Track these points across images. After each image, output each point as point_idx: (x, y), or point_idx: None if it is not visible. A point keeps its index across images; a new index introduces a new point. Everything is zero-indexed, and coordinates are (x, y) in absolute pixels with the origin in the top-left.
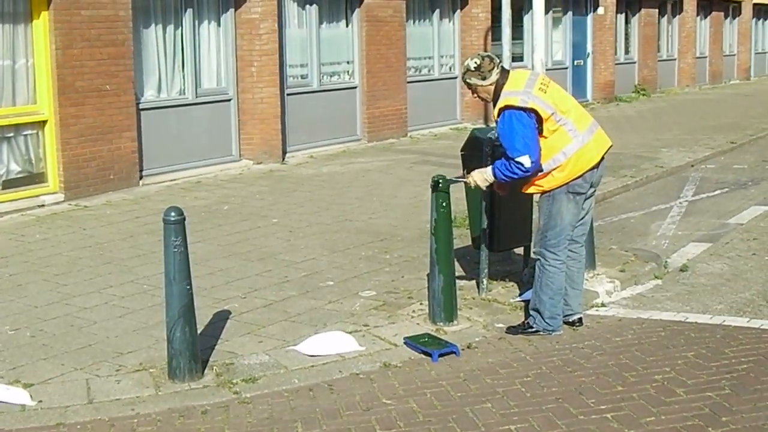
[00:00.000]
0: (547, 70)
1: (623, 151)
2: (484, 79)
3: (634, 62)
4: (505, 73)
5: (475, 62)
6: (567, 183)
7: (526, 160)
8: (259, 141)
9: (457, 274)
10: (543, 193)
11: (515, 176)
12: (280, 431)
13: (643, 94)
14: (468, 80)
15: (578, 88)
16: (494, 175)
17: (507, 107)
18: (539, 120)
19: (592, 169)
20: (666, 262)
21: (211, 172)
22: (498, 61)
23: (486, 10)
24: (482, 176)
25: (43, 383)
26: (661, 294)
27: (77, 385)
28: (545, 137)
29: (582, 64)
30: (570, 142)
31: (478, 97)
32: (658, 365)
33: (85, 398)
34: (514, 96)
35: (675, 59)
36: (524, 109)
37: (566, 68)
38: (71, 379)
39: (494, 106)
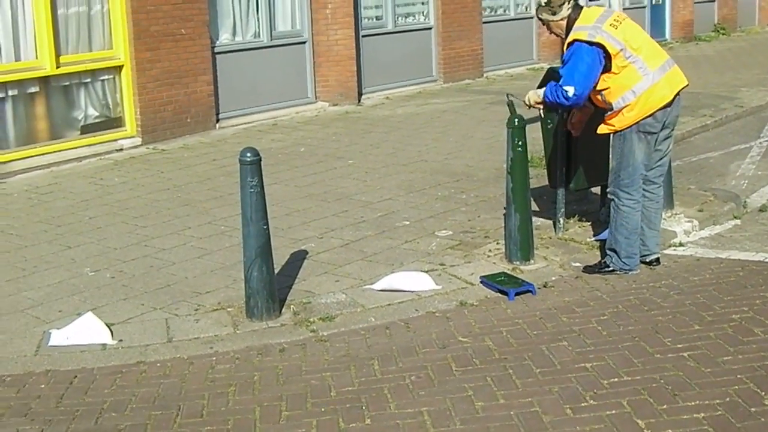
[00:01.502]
0: (624, 9)
1: (702, 91)
2: (554, 14)
3: (714, 1)
4: (578, 9)
5: None
6: (637, 122)
7: (570, 90)
8: (335, 83)
9: (533, 213)
10: (614, 132)
11: (558, 102)
12: (357, 369)
13: (723, 33)
14: (540, 16)
15: (657, 27)
16: (544, 95)
17: (575, 40)
18: (607, 56)
19: (664, 107)
20: (745, 202)
21: (287, 114)
22: None
23: None
24: (535, 94)
25: (124, 323)
26: (740, 234)
27: (156, 324)
28: (615, 74)
29: (660, 2)
30: (640, 80)
31: (552, 33)
32: (736, 305)
33: (164, 337)
34: (583, 30)
35: None
36: (591, 43)
37: (644, 7)
38: (151, 318)
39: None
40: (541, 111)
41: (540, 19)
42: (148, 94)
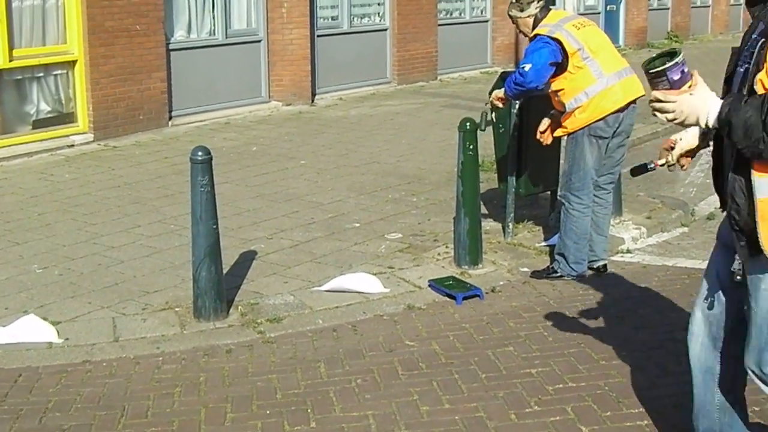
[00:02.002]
0: (579, 14)
1: None
2: (522, 10)
3: (668, 8)
4: (546, 10)
5: None
6: (589, 125)
7: (527, 66)
8: (289, 83)
9: (482, 217)
10: (567, 135)
11: (516, 83)
12: (304, 371)
13: (676, 41)
14: (509, 12)
15: (611, 34)
16: (505, 89)
17: (537, 35)
18: (565, 54)
19: (616, 112)
20: (693, 209)
21: (240, 113)
22: None
23: None
24: (497, 93)
25: (70, 321)
26: (687, 242)
27: (103, 323)
28: (571, 73)
29: (615, 9)
30: (593, 83)
31: (520, 31)
32: (682, 312)
33: (111, 336)
34: (545, 26)
35: (709, 6)
36: (550, 38)
37: (599, 13)
38: (98, 317)
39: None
40: (493, 116)
41: (510, 16)
42: (101, 90)
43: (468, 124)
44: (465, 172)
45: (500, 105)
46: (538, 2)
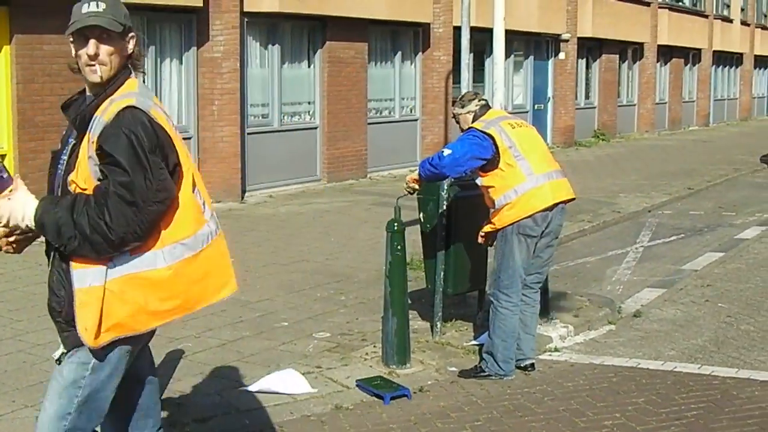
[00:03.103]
0: (508, 112)
1: (581, 196)
2: (462, 107)
3: (594, 107)
4: (485, 108)
5: (461, 95)
6: (516, 222)
7: (447, 151)
8: (219, 180)
9: (411, 316)
10: (495, 231)
11: (432, 167)
12: None
13: (603, 139)
14: (453, 110)
15: (538, 132)
16: (419, 171)
17: (471, 128)
18: (497, 151)
19: (544, 211)
20: (620, 307)
21: None
22: (482, 96)
23: (447, 53)
24: (411, 175)
25: None
26: (614, 339)
27: (28, 422)
28: (502, 170)
29: (542, 108)
30: (523, 181)
31: (461, 129)
32: (609, 411)
33: None
34: (480, 122)
35: (635, 105)
36: (483, 133)
37: (527, 112)
38: (22, 416)
39: None
40: (421, 216)
41: (453, 114)
42: (30, 186)
43: (396, 224)
44: (393, 271)
45: (416, 186)
46: (478, 101)
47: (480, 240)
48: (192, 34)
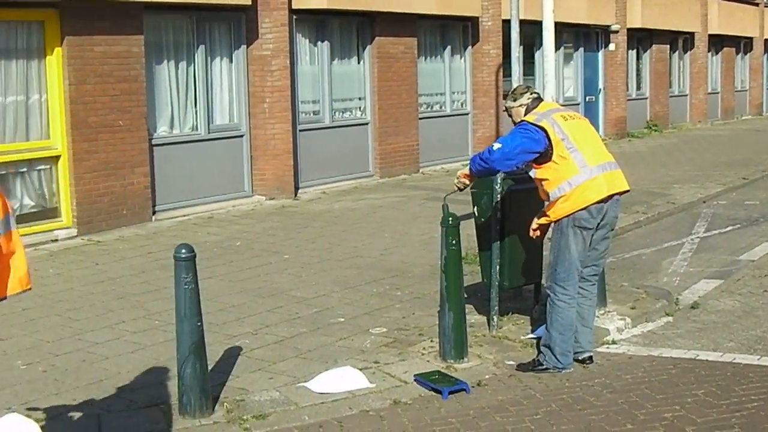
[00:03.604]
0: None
1: (635, 188)
2: (515, 100)
3: (646, 98)
4: (538, 100)
5: (513, 88)
6: (571, 214)
7: (497, 145)
8: (272, 177)
9: (467, 311)
10: (550, 223)
11: (483, 161)
12: None
13: (655, 130)
14: (505, 104)
15: (591, 124)
16: (470, 166)
17: (522, 121)
18: (550, 143)
19: (599, 203)
20: (677, 299)
21: (224, 207)
22: (534, 89)
23: (497, 47)
24: (462, 171)
25: (54, 419)
26: (672, 331)
27: (88, 420)
28: (555, 163)
29: (594, 100)
30: (577, 173)
31: (513, 122)
32: (668, 403)
33: None
34: (533, 114)
35: (687, 95)
36: (535, 126)
37: (578, 104)
38: (82, 413)
39: None
40: (475, 210)
41: (505, 108)
42: (84, 185)
43: (450, 219)
44: (448, 266)
45: (466, 182)
46: (531, 94)
47: (532, 233)
48: (241, 32)
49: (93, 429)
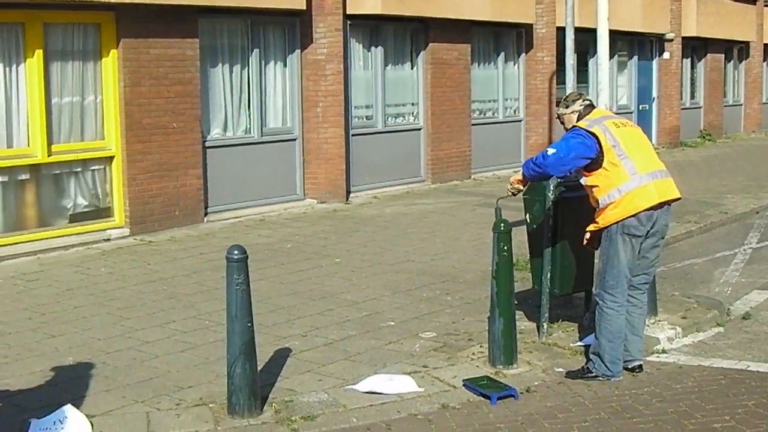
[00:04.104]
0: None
1: (687, 197)
2: (567, 107)
3: (700, 107)
4: (590, 107)
5: (565, 95)
6: (621, 221)
7: (551, 150)
8: (324, 180)
9: (517, 317)
10: (599, 230)
11: (536, 166)
12: None
13: (709, 140)
14: (557, 111)
15: (644, 132)
16: (523, 170)
17: (574, 127)
18: (601, 150)
19: (649, 210)
20: (729, 309)
21: (275, 210)
22: (587, 97)
23: (551, 54)
24: (515, 176)
25: (104, 415)
26: (723, 342)
27: (137, 417)
28: (606, 170)
29: (647, 108)
30: (627, 180)
31: (566, 128)
32: (718, 414)
33: (145, 431)
34: (585, 121)
35: (741, 105)
36: (587, 132)
37: (631, 112)
38: (132, 411)
39: None
40: (527, 216)
41: (558, 115)
42: (137, 186)
43: (503, 225)
44: (499, 272)
45: (520, 187)
46: (583, 101)
47: (585, 242)
48: (296, 36)
49: (142, 427)
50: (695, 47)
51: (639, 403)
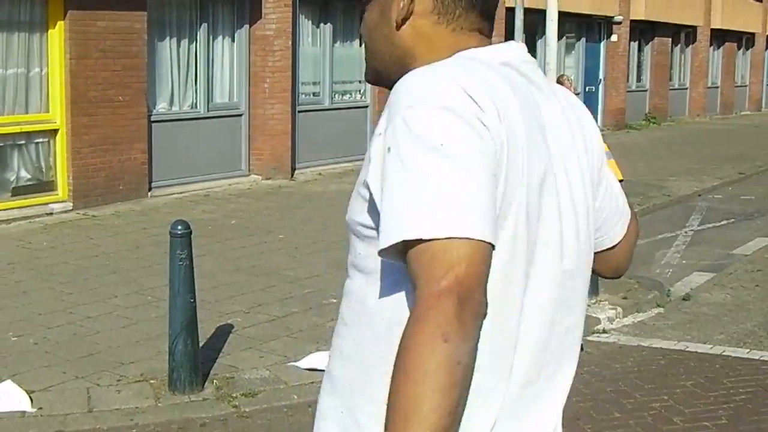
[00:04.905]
0: None
1: (631, 179)
2: None
3: (646, 90)
4: None
5: None
6: None
7: None
8: (269, 157)
9: None
10: None
11: None
12: None
13: (654, 123)
14: None
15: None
16: None
17: None
18: None
19: None
20: (669, 290)
21: (220, 186)
22: None
23: (500, 35)
24: None
25: (44, 390)
26: (663, 322)
27: (78, 393)
28: None
29: (594, 90)
30: None
31: None
32: (657, 393)
33: (85, 407)
34: None
35: (686, 88)
36: None
37: (578, 94)
38: (72, 387)
39: None
40: None
41: None
42: (81, 159)
43: None
44: None
45: None
46: None
47: None
48: (244, 11)
49: (83, 402)
50: (643, 30)
51: (578, 382)
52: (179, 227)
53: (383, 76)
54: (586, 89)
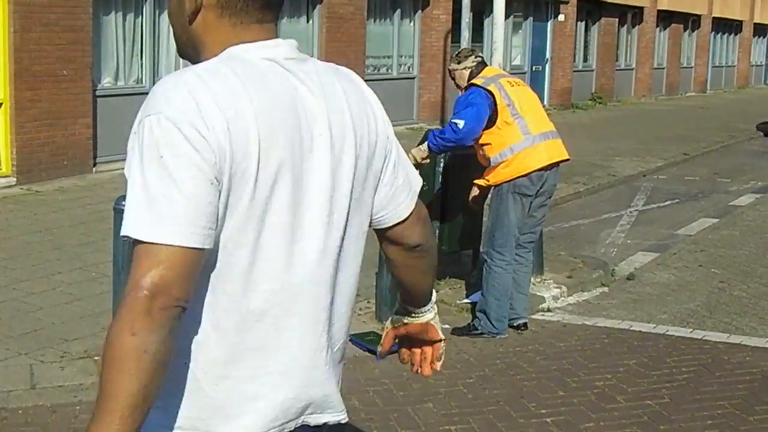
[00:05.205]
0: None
1: (577, 158)
2: (459, 63)
3: (592, 70)
4: (482, 65)
5: (457, 50)
6: (512, 180)
7: (460, 122)
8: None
9: None
10: (487, 187)
11: (444, 140)
12: None
13: (600, 103)
14: (448, 66)
15: (535, 93)
16: (429, 145)
17: (471, 85)
18: (495, 109)
19: (540, 170)
20: (613, 270)
21: None
22: (479, 53)
23: (447, 12)
24: (418, 150)
25: None
26: (607, 301)
27: (21, 370)
28: (499, 129)
29: (540, 69)
30: (520, 140)
31: (456, 85)
32: (600, 372)
33: (28, 384)
34: (480, 78)
35: (633, 69)
36: (484, 90)
37: (525, 73)
38: (15, 363)
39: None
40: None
41: (449, 70)
42: (25, 134)
43: None
44: None
45: (426, 162)
46: (475, 57)
47: (471, 198)
48: None
49: (26, 379)
50: (590, 11)
51: (523, 360)
52: (124, 203)
53: (189, 56)
54: (533, 68)
